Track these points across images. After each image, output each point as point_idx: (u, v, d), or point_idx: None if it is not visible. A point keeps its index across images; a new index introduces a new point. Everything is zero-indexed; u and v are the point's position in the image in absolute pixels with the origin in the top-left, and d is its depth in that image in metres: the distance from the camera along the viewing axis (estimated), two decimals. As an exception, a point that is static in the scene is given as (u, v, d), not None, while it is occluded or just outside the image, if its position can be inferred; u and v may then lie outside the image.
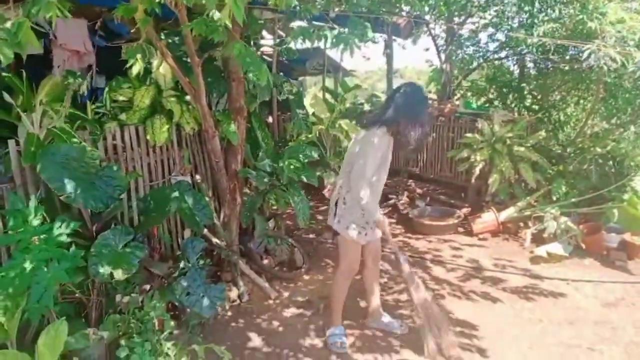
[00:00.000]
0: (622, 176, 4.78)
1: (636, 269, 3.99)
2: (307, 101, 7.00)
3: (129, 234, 2.71)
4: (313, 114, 6.65)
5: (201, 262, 3.11)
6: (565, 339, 3.06)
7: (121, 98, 3.51)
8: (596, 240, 4.35)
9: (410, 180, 7.01)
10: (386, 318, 3.24)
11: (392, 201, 6.08)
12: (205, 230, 3.79)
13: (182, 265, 3.02)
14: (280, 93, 4.93)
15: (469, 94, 7.17)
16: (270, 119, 5.43)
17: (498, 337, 3.10)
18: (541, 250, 4.24)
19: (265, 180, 4.09)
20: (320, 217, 5.76)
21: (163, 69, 3.61)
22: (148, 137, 3.53)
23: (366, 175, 2.71)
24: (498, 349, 2.98)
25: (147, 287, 2.97)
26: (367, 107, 7.88)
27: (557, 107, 6.59)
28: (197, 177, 4.07)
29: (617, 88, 4.79)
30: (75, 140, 2.87)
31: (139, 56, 2.83)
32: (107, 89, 3.58)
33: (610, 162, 5.04)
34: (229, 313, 3.54)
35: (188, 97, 3.59)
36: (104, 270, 2.45)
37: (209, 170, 4.18)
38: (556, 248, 4.25)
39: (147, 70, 3.45)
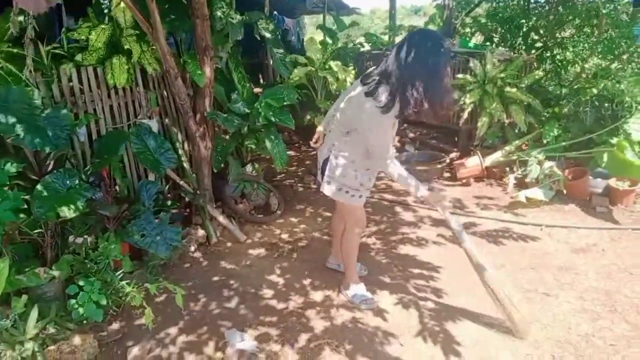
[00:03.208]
0: (617, 119, 4.52)
1: (617, 215, 3.86)
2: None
3: (74, 176, 2.71)
4: (305, 54, 6.45)
5: (154, 204, 3.10)
6: (524, 284, 3.02)
7: (78, 38, 3.41)
8: (580, 185, 4.20)
9: (405, 124, 6.82)
10: (352, 291, 2.95)
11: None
12: (173, 174, 3.80)
13: (137, 207, 3.03)
14: (257, 32, 4.72)
15: (467, 30, 6.76)
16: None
17: (456, 280, 3.08)
18: (520, 196, 4.12)
19: (235, 123, 4.00)
20: (308, 162, 5.72)
21: (123, 7, 3.47)
22: (108, 78, 3.45)
23: (389, 155, 2.41)
24: (453, 291, 2.97)
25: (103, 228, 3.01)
26: (367, 46, 7.56)
27: (562, 46, 6.18)
28: (167, 120, 4.02)
29: (614, 22, 4.42)
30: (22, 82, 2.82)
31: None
32: (63, 29, 3.47)
33: (607, 104, 4.76)
34: (196, 255, 3.60)
35: (151, 36, 3.46)
36: (44, 210, 2.46)
37: (180, 114, 4.11)
38: (536, 193, 4.12)
39: (108, 8, 3.32)
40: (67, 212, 2.51)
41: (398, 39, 3.21)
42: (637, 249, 3.34)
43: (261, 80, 7.53)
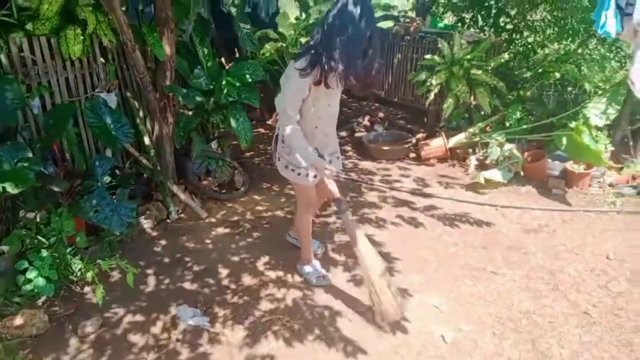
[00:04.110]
0: (578, 104, 4.62)
1: (571, 198, 3.97)
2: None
3: (21, 150, 2.64)
4: (277, 30, 6.34)
5: (110, 179, 3.07)
6: (473, 262, 3.11)
7: (27, 5, 3.26)
8: (537, 167, 4.29)
9: (377, 104, 6.84)
10: (307, 269, 2.98)
11: (350, 125, 5.97)
12: (132, 149, 3.74)
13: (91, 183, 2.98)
14: (222, 5, 4.61)
15: (441, 10, 6.73)
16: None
17: (408, 259, 3.15)
18: (479, 177, 4.20)
19: (197, 99, 3.95)
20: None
21: (78, -26, 3.34)
22: (62, 50, 3.34)
23: (286, 110, 2.38)
24: (404, 270, 3.04)
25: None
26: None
27: (531, 29, 6.23)
28: (128, 94, 3.93)
29: (576, 6, 4.47)
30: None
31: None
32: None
33: (570, 88, 4.85)
34: (155, 232, 3.58)
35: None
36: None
37: (140, 88, 4.03)
38: (494, 174, 4.20)
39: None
40: (11, 188, 2.46)
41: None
42: (586, 230, 3.46)
43: (237, 55, 7.40)
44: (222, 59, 5.95)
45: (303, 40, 5.49)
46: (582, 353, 2.32)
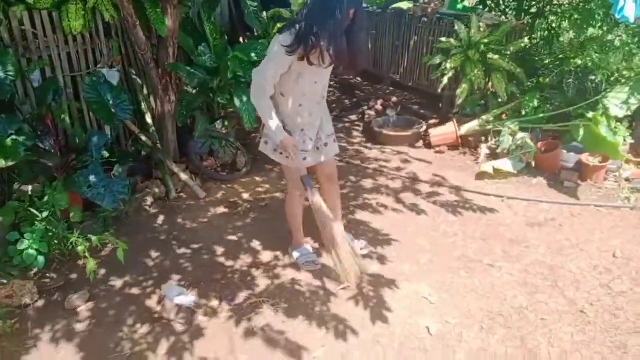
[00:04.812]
0: (599, 93, 4.38)
1: (583, 191, 3.79)
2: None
3: (15, 123, 2.66)
4: (290, 9, 6.22)
5: (108, 155, 3.07)
6: (471, 254, 3.00)
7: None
8: (550, 158, 4.10)
9: (392, 88, 6.67)
10: (298, 252, 2.94)
11: (362, 109, 5.85)
12: (132, 126, 3.74)
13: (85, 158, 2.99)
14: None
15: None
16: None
17: (403, 247, 3.07)
18: (488, 166, 4.05)
19: (201, 77, 3.90)
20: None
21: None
22: (64, 24, 3.33)
23: (261, 82, 2.34)
24: (398, 258, 2.96)
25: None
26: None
27: (557, 13, 5.93)
28: (132, 71, 3.92)
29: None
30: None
31: None
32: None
33: (592, 77, 4.59)
34: (153, 209, 3.59)
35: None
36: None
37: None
38: (504, 164, 4.04)
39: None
40: (2, 162, 2.47)
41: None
42: (594, 226, 3.30)
43: (256, 33, 7.32)
44: (241, 38, 5.92)
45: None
46: (571, 353, 2.21)
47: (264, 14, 5.83)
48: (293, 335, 2.37)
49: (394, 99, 6.06)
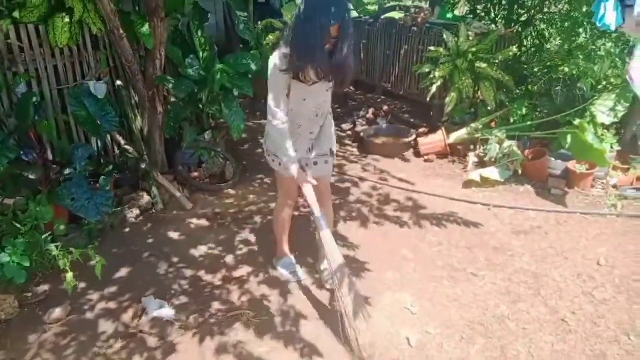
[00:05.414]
0: (586, 100, 4.39)
1: (570, 199, 3.78)
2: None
3: (-5, 137, 2.67)
4: (282, 20, 6.29)
5: (90, 168, 3.08)
6: (455, 263, 2.99)
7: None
8: (537, 166, 4.10)
9: (384, 97, 6.69)
10: (280, 264, 2.95)
11: (352, 118, 5.87)
12: (119, 137, 3.76)
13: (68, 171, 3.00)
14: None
15: (453, 1, 6.51)
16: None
17: (386, 256, 3.06)
18: (475, 175, 4.05)
19: (187, 89, 3.92)
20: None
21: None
22: (50, 38, 3.36)
23: (270, 105, 2.32)
24: (380, 268, 2.95)
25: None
26: (354, 13, 7.35)
27: (547, 21, 5.96)
28: (119, 82, 3.94)
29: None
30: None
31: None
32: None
33: (580, 84, 4.61)
34: (138, 221, 3.59)
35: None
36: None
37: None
38: (492, 173, 4.04)
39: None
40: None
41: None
42: (580, 234, 3.29)
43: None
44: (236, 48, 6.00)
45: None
46: (551, 363, 2.20)
47: (259, 24, 5.90)
48: (267, 353, 2.34)
49: (385, 107, 6.08)
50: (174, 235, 3.42)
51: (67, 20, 3.37)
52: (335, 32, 2.12)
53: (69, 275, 2.63)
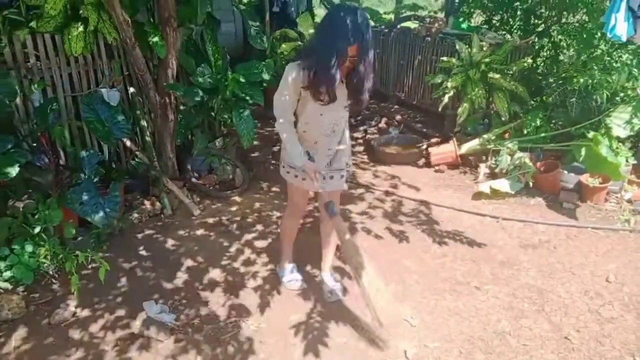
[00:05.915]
0: (602, 112, 4.30)
1: (581, 213, 3.70)
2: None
3: (8, 141, 2.75)
4: (296, 30, 6.35)
5: (101, 173, 3.15)
6: (459, 276, 2.95)
7: (36, 3, 3.40)
8: (549, 179, 4.03)
9: (397, 106, 6.68)
10: (282, 271, 2.95)
11: (364, 127, 5.87)
12: (131, 144, 3.83)
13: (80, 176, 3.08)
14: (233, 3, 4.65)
15: (468, 10, 6.44)
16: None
17: (390, 268, 3.04)
18: (485, 186, 3.99)
19: (198, 97, 3.99)
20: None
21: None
22: (65, 47, 3.46)
23: (276, 111, 2.34)
24: (384, 278, 2.89)
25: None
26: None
27: (565, 32, 5.86)
28: (132, 89, 4.03)
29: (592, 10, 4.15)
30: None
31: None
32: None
33: (595, 96, 4.52)
34: (147, 227, 3.64)
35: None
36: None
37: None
38: (502, 184, 3.98)
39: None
40: (-6, 176, 2.57)
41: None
42: (590, 249, 3.21)
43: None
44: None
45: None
46: (550, 382, 2.14)
47: (277, 32, 5.97)
48: (269, 357, 2.35)
49: (398, 117, 6.07)
50: (181, 240, 3.46)
51: (81, 29, 3.47)
52: (354, 52, 2.07)
53: (75, 277, 2.69)
